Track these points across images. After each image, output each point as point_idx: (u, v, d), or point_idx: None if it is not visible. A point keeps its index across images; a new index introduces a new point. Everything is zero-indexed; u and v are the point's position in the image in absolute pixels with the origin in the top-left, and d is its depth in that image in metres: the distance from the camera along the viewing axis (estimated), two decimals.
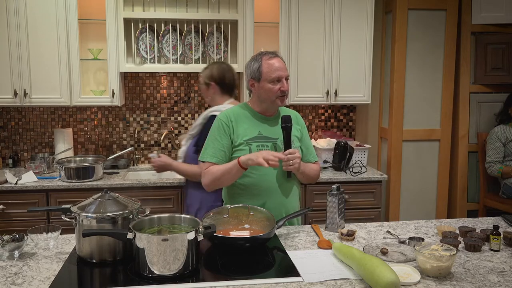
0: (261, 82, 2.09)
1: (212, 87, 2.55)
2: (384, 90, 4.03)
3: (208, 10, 3.64)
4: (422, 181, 4.01)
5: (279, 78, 2.08)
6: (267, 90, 2.09)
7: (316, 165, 2.29)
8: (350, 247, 1.70)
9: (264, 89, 2.09)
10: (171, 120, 3.82)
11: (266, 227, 1.87)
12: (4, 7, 3.21)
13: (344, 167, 3.54)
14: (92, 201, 1.78)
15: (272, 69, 2.07)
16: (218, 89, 2.56)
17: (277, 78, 2.08)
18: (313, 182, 2.34)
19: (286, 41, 3.51)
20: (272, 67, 2.08)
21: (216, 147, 2.12)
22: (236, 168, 2.02)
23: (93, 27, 3.55)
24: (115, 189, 3.10)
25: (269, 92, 2.09)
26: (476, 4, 3.83)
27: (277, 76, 2.07)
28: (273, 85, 2.08)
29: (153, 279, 1.56)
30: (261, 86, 2.10)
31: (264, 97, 2.11)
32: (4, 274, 1.61)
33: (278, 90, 2.08)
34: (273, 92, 2.08)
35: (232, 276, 1.60)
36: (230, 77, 2.57)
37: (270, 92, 2.08)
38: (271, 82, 2.07)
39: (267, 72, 2.07)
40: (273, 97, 2.10)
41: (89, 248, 1.71)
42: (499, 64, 3.89)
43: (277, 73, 2.07)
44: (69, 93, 3.36)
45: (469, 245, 1.84)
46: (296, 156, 2.02)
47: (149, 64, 3.50)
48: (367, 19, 3.57)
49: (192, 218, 1.75)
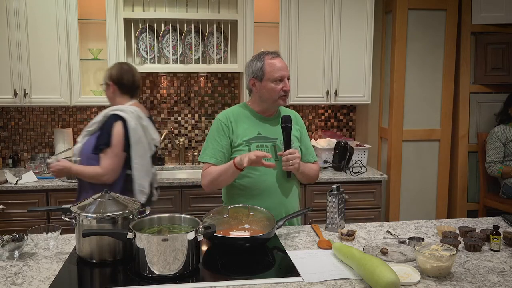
0: (264, 82, 2.10)
1: (111, 86, 2.48)
2: (384, 90, 4.03)
3: (208, 10, 3.64)
4: (422, 181, 4.01)
5: (282, 77, 2.09)
6: (270, 89, 2.10)
7: (315, 165, 2.29)
8: (350, 247, 1.70)
9: (266, 89, 2.10)
10: (171, 120, 3.82)
11: (266, 227, 1.87)
12: (4, 7, 3.21)
13: (344, 167, 3.54)
14: (92, 201, 1.78)
15: (275, 69, 2.09)
16: (117, 89, 2.47)
17: (280, 78, 2.09)
18: (312, 182, 2.34)
19: (286, 41, 3.51)
20: (275, 67, 2.09)
21: (215, 148, 2.13)
22: (232, 169, 2.02)
23: (93, 27, 3.55)
24: None
25: (272, 91, 2.10)
26: (476, 4, 3.83)
27: (280, 75, 2.09)
28: (276, 84, 2.09)
29: (153, 279, 1.56)
30: (264, 86, 2.10)
31: (266, 96, 2.12)
32: (4, 274, 1.61)
33: (280, 89, 2.09)
34: (276, 91, 2.09)
35: (232, 276, 1.60)
36: (129, 78, 2.47)
37: (273, 91, 2.09)
38: (273, 82, 2.09)
39: (270, 71, 2.09)
40: (275, 97, 2.11)
41: (89, 248, 1.71)
42: (499, 64, 3.89)
43: (280, 73, 2.09)
44: (69, 93, 3.36)
45: (469, 245, 1.84)
46: (296, 156, 2.02)
47: (149, 64, 3.50)
48: (367, 19, 3.57)
49: (192, 218, 1.75)
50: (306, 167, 2.19)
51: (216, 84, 3.84)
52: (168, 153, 3.84)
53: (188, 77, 3.81)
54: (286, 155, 2.03)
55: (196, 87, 3.82)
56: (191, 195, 3.27)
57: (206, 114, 3.86)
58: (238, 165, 2.00)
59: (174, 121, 3.83)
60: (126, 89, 2.48)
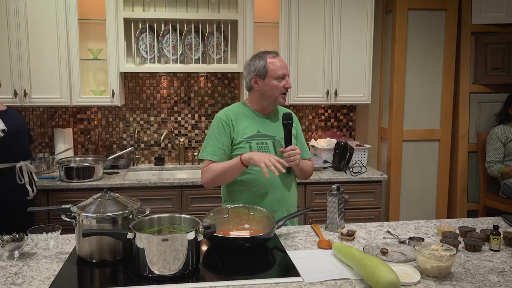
0: (267, 79, 2.15)
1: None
2: (384, 90, 4.03)
3: (208, 10, 3.64)
4: (422, 181, 4.01)
5: (284, 75, 2.17)
6: (272, 87, 2.15)
7: (310, 162, 2.36)
8: (350, 247, 1.70)
9: (269, 86, 2.15)
10: (171, 120, 3.82)
11: (266, 227, 1.87)
12: (4, 7, 3.21)
13: (344, 167, 3.54)
14: (92, 201, 1.78)
15: (277, 67, 2.16)
16: None
17: (282, 76, 2.16)
18: (307, 179, 2.39)
19: (286, 41, 3.51)
20: (277, 65, 2.16)
21: (216, 146, 2.15)
22: (239, 165, 2.05)
23: (93, 27, 3.55)
24: (115, 189, 3.10)
25: (274, 89, 2.15)
26: (476, 4, 3.83)
27: (283, 73, 2.16)
28: (278, 82, 2.15)
29: (153, 279, 1.56)
30: (266, 83, 2.15)
31: (268, 94, 2.17)
32: (4, 274, 1.61)
33: (282, 87, 2.16)
34: (278, 89, 2.15)
35: (232, 276, 1.60)
36: None
37: (275, 88, 2.15)
38: (276, 79, 2.15)
39: (273, 69, 2.15)
40: (277, 94, 2.16)
41: (89, 248, 1.71)
42: (499, 64, 3.89)
43: (282, 71, 2.16)
44: (69, 93, 3.36)
45: (469, 245, 1.84)
46: (297, 152, 2.08)
47: (149, 64, 3.50)
48: (367, 19, 3.57)
49: (192, 218, 1.75)
50: (303, 163, 2.25)
51: (216, 84, 3.84)
52: (168, 153, 3.84)
53: (188, 77, 3.81)
54: (288, 151, 2.07)
55: (196, 87, 3.82)
56: (191, 195, 3.27)
57: (206, 114, 3.86)
58: (245, 162, 2.02)
59: (174, 121, 3.83)
60: None
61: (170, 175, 3.65)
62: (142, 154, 3.81)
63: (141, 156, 3.81)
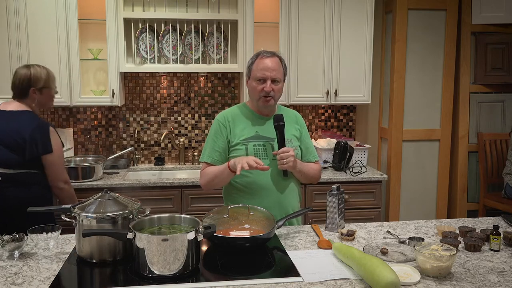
0: (250, 80, 2.14)
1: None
2: (384, 90, 4.03)
3: (208, 10, 3.64)
4: (422, 181, 4.01)
5: (264, 78, 2.06)
6: (252, 88, 2.12)
7: (316, 165, 2.28)
8: (350, 247, 1.70)
9: (251, 87, 2.14)
10: (171, 120, 3.82)
11: (266, 227, 1.87)
12: (4, 7, 3.21)
13: (344, 167, 3.54)
14: (92, 201, 1.78)
15: (259, 68, 2.07)
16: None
17: (261, 78, 2.07)
18: (314, 182, 2.34)
19: (286, 41, 3.51)
20: (260, 66, 2.08)
21: (212, 148, 2.16)
22: (227, 171, 2.05)
23: (93, 27, 3.55)
24: (115, 189, 3.10)
25: (253, 90, 2.11)
26: (476, 4, 3.83)
27: (262, 75, 2.06)
28: (257, 84, 2.08)
29: (153, 279, 1.56)
30: (249, 84, 2.15)
31: (251, 95, 2.16)
32: (4, 274, 1.61)
33: (261, 90, 2.07)
34: (257, 91, 2.09)
35: (232, 276, 1.60)
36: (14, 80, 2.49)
37: (254, 90, 2.11)
38: (256, 81, 2.08)
39: (254, 70, 2.10)
40: (257, 96, 2.10)
41: (89, 248, 1.71)
42: (499, 64, 3.89)
43: (261, 73, 2.07)
44: (69, 93, 3.36)
45: (469, 245, 1.84)
46: (290, 154, 2.02)
47: (149, 64, 3.50)
48: (367, 19, 3.57)
49: (192, 218, 1.75)
50: (305, 166, 2.19)
51: (216, 84, 3.84)
52: (168, 153, 3.84)
53: (188, 77, 3.81)
54: (279, 153, 2.03)
55: (196, 87, 3.82)
56: (191, 195, 3.27)
57: (206, 114, 3.86)
58: (232, 168, 2.01)
59: (174, 121, 3.83)
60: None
61: (170, 175, 3.65)
62: (142, 154, 3.81)
63: (141, 156, 3.81)
